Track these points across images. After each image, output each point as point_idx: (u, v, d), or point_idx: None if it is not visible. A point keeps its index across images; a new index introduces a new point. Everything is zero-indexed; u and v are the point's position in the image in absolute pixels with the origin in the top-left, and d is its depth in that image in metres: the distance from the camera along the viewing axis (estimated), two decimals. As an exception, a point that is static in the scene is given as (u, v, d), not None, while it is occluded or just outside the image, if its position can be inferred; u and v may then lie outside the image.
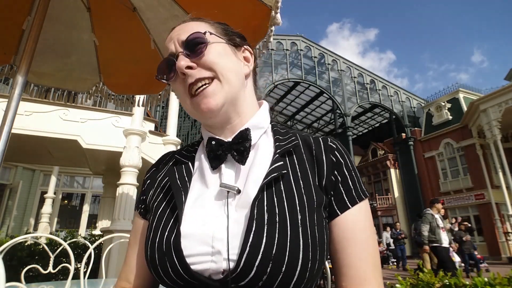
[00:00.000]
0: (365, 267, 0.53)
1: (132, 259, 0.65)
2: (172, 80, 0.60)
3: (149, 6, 1.81)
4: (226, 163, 0.59)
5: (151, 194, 0.64)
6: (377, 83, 22.78)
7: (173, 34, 0.61)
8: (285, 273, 0.46)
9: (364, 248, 0.54)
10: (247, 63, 0.66)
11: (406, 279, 1.96)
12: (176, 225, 0.52)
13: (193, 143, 0.70)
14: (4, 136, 1.27)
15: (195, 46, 0.57)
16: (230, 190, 0.54)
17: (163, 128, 9.42)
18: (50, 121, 5.34)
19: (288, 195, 0.53)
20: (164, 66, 0.61)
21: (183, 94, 0.59)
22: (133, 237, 0.67)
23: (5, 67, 1.97)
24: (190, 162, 0.64)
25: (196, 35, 0.58)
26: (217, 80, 0.57)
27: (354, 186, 0.57)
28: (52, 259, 2.22)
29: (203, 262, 0.49)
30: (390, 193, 22.78)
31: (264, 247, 0.46)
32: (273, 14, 1.49)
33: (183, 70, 0.56)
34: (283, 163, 0.56)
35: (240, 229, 0.49)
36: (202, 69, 0.57)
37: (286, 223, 0.49)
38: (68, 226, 13.54)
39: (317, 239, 0.50)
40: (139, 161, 4.74)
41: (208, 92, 0.56)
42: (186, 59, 0.57)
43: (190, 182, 0.59)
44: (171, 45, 0.60)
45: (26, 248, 4.61)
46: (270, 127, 0.65)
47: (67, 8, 1.85)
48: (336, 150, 0.59)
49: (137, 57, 2.10)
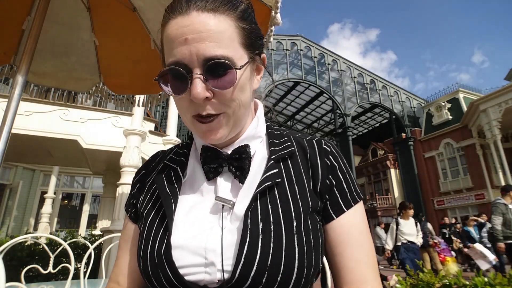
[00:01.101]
0: (364, 269, 0.53)
1: (123, 262, 0.63)
2: (178, 97, 0.51)
3: (149, 6, 1.81)
4: (221, 175, 0.56)
5: (141, 200, 0.62)
6: (377, 83, 22.77)
7: (188, 33, 0.47)
8: (281, 281, 0.46)
9: (361, 251, 0.54)
10: (257, 76, 0.58)
11: (406, 279, 1.97)
12: (166, 235, 0.51)
13: (182, 145, 0.67)
14: (4, 136, 1.26)
15: (218, 74, 0.48)
16: (226, 204, 0.52)
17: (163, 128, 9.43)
18: (50, 121, 5.34)
19: (282, 202, 0.52)
20: (169, 75, 0.50)
21: (186, 112, 0.52)
22: (123, 241, 0.65)
23: (5, 67, 1.97)
24: (179, 167, 0.60)
25: (222, 63, 0.47)
26: (227, 115, 0.51)
27: (349, 189, 0.57)
28: (52, 259, 2.22)
29: (196, 273, 0.49)
30: (390, 193, 22.78)
31: (259, 258, 0.46)
32: (273, 14, 1.49)
33: (200, 101, 0.48)
34: (277, 171, 0.54)
35: (234, 240, 0.49)
36: (218, 102, 0.50)
37: (281, 232, 0.48)
38: (68, 226, 13.54)
39: (312, 245, 0.50)
40: (139, 161, 4.74)
41: (214, 125, 0.51)
42: (204, 86, 0.48)
43: (179, 189, 0.57)
44: (183, 50, 0.47)
45: (26, 248, 4.61)
46: None
47: (67, 8, 1.85)
48: (330, 153, 0.59)
49: (137, 57, 2.10)
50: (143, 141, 5.24)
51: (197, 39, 0.47)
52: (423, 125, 22.24)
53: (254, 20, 0.56)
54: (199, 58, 0.47)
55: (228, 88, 0.48)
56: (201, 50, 0.47)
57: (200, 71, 0.48)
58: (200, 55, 0.47)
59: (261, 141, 0.61)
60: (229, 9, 0.50)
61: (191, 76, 0.48)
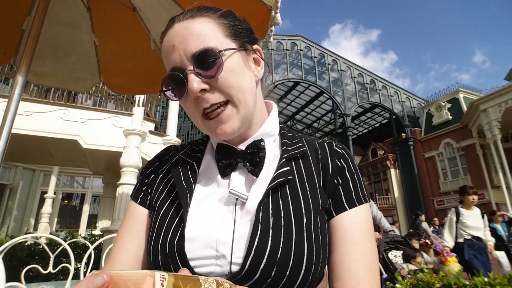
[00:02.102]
0: (359, 270, 0.51)
1: (123, 252, 0.59)
2: (181, 100, 0.54)
3: (149, 6, 1.81)
4: (236, 170, 0.58)
5: (155, 191, 0.62)
6: (377, 83, 22.77)
7: (175, 39, 0.52)
8: (289, 276, 0.46)
9: (359, 250, 0.53)
10: (257, 67, 0.60)
11: (406, 279, 1.96)
12: (181, 226, 0.52)
13: (197, 142, 0.68)
14: (4, 136, 1.27)
15: (206, 64, 0.51)
16: (239, 198, 0.53)
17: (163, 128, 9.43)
18: (50, 121, 5.34)
19: (293, 199, 0.53)
20: (169, 83, 0.53)
21: (194, 113, 0.55)
22: (126, 228, 0.61)
23: (5, 67, 1.97)
24: (195, 162, 0.62)
25: (207, 51, 0.50)
26: (232, 104, 0.53)
27: (354, 189, 0.57)
28: (52, 259, 2.22)
29: (207, 265, 0.49)
30: (390, 193, 22.79)
31: (269, 251, 0.47)
32: (273, 14, 1.49)
33: (197, 95, 0.51)
34: (289, 168, 0.55)
35: (245, 233, 0.50)
36: (216, 91, 0.52)
37: (291, 227, 0.49)
38: (68, 226, 13.54)
39: (321, 243, 0.51)
40: (139, 161, 4.74)
41: (223, 118, 0.53)
42: (198, 79, 0.51)
43: (195, 184, 0.58)
44: (174, 56, 0.52)
45: (26, 248, 4.61)
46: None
47: (67, 8, 1.85)
48: (342, 155, 0.60)
49: (137, 57, 2.10)
50: (143, 141, 5.24)
51: (182, 42, 0.52)
52: (423, 125, 22.24)
53: (239, 18, 0.59)
54: (187, 56, 0.51)
55: (218, 73, 0.51)
56: (187, 49, 0.51)
57: (191, 67, 0.51)
58: (187, 54, 0.51)
59: (274, 140, 0.63)
60: (208, 12, 0.55)
61: (185, 74, 0.51)
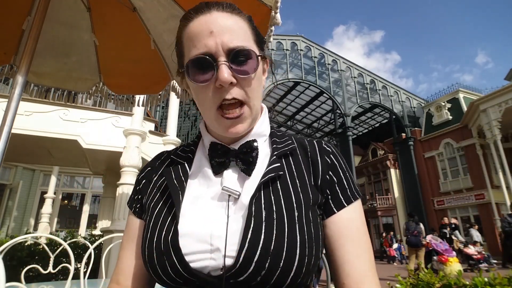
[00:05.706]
0: (363, 264, 0.55)
1: (126, 260, 0.63)
2: (201, 86, 0.54)
3: (149, 6, 1.80)
4: (228, 168, 0.59)
5: (147, 194, 0.64)
6: (377, 83, 22.77)
7: (213, 27, 0.53)
8: (283, 268, 0.47)
9: (360, 246, 0.56)
10: (263, 75, 0.63)
11: (406, 279, 1.96)
12: (174, 223, 0.53)
13: (189, 143, 0.70)
14: (4, 136, 1.26)
15: (240, 61, 0.53)
16: (232, 194, 0.55)
17: (163, 128, 9.42)
18: (50, 121, 5.34)
19: (285, 193, 0.54)
20: (197, 64, 0.53)
21: (211, 102, 0.55)
22: (126, 238, 0.66)
23: (5, 67, 1.97)
24: (187, 162, 0.63)
25: (247, 52, 0.53)
26: (248, 106, 0.56)
27: (349, 186, 0.60)
28: (52, 259, 2.23)
29: (202, 259, 0.50)
30: (390, 193, 22.77)
31: (262, 243, 0.48)
32: (273, 14, 1.49)
33: (226, 85, 0.52)
34: (280, 165, 0.58)
35: (239, 227, 0.51)
36: (240, 89, 0.54)
37: (283, 220, 0.51)
38: (68, 226, 13.55)
39: (313, 236, 0.52)
40: (139, 161, 4.74)
41: (241, 119, 0.55)
42: (229, 71, 0.52)
43: (186, 182, 0.60)
44: (210, 41, 0.52)
45: (26, 248, 4.62)
46: None
47: (67, 8, 1.85)
48: (331, 152, 0.62)
49: (137, 57, 2.10)
50: (143, 141, 5.25)
51: (221, 32, 0.53)
52: (423, 125, 22.23)
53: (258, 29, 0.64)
54: (224, 48, 0.52)
55: (250, 74, 0.54)
56: (225, 41, 0.52)
57: (226, 59, 0.52)
58: (224, 46, 0.52)
59: (265, 140, 0.64)
60: (241, 13, 0.58)
61: (217, 63, 0.52)
